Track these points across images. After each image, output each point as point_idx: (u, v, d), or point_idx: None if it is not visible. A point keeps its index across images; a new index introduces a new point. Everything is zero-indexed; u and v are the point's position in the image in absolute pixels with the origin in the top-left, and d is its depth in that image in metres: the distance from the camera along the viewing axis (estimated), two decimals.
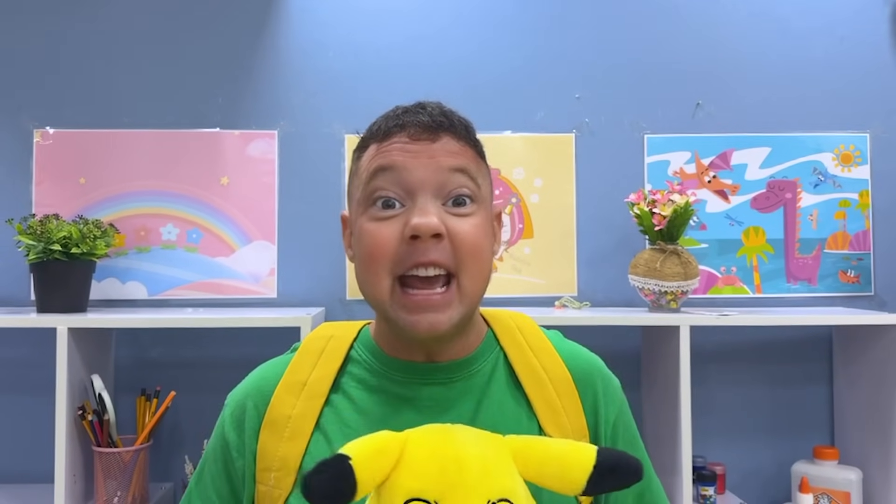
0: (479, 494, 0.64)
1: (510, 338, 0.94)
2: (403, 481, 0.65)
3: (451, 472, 0.65)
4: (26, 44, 1.92)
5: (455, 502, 0.63)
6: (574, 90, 1.98)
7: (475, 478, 0.65)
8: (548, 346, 0.94)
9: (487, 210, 0.88)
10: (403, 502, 0.63)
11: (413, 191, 0.82)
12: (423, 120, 0.84)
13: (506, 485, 0.66)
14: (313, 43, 1.96)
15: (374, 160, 0.85)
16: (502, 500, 0.64)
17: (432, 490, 0.63)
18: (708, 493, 1.73)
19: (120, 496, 1.63)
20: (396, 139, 0.84)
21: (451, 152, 0.84)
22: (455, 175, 0.83)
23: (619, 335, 1.90)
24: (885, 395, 1.72)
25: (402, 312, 0.81)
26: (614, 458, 0.69)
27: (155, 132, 1.93)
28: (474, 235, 0.83)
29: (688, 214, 1.76)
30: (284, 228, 1.93)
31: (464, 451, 0.67)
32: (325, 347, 0.92)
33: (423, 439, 0.68)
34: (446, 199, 0.83)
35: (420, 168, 0.82)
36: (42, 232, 1.66)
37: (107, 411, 1.64)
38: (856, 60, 2.01)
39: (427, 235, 0.79)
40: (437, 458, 0.66)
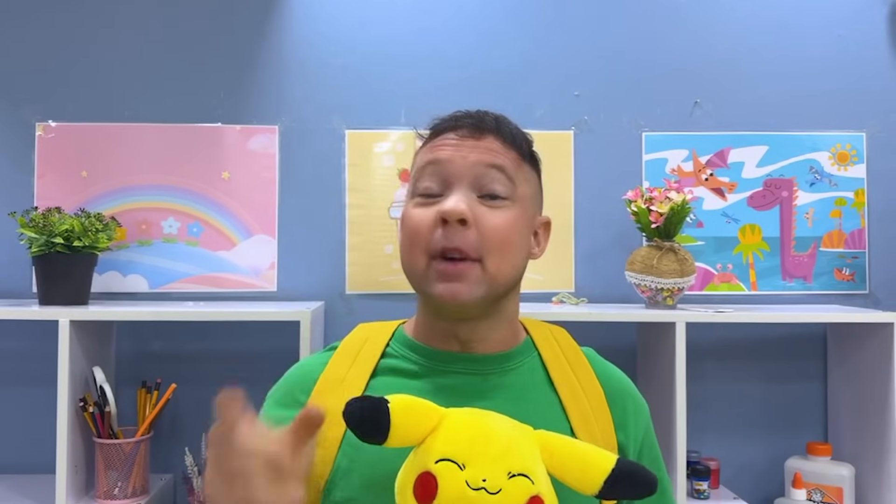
0: (501, 465, 0.72)
1: (548, 346, 0.98)
2: (437, 445, 0.73)
3: (479, 443, 0.73)
4: (28, 37, 1.93)
5: (479, 467, 0.71)
6: (573, 88, 2.00)
7: (500, 450, 0.73)
8: (582, 360, 0.98)
9: (525, 211, 0.93)
10: (435, 461, 0.72)
11: (451, 182, 0.89)
12: (471, 121, 0.92)
13: (526, 463, 0.73)
14: (315, 38, 1.97)
15: (424, 156, 0.93)
16: (521, 474, 0.72)
17: (461, 454, 0.72)
18: (702, 488, 1.75)
19: (121, 487, 1.64)
20: (445, 136, 0.92)
21: (491, 150, 0.91)
22: (491, 171, 0.90)
23: (616, 331, 1.92)
24: (879, 393, 1.74)
25: (432, 282, 0.88)
26: (632, 467, 0.76)
27: (157, 126, 1.94)
28: (501, 227, 0.88)
29: (685, 212, 1.77)
30: (285, 223, 1.95)
31: (494, 429, 0.75)
32: (361, 348, 0.97)
33: (461, 415, 0.77)
34: (481, 192, 0.89)
35: (460, 161, 0.89)
36: (44, 225, 1.67)
37: (108, 403, 1.65)
38: (853, 60, 2.02)
39: (454, 219, 0.85)
40: (470, 431, 0.75)
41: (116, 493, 1.64)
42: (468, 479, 0.70)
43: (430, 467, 0.72)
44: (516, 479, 0.71)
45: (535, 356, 0.96)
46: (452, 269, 0.86)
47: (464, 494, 0.70)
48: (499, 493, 0.70)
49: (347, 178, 1.95)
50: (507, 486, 0.71)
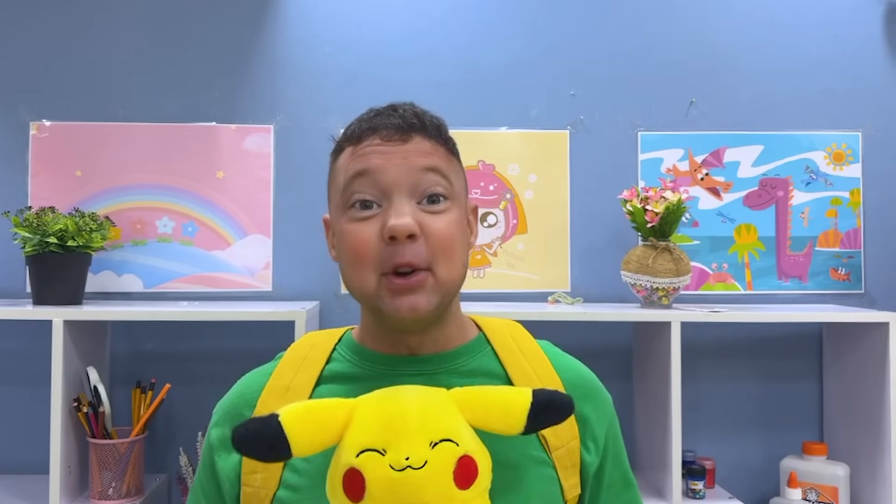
0: (422, 437, 0.71)
1: (502, 342, 0.96)
2: (354, 437, 0.72)
3: (394, 423, 0.72)
4: (23, 36, 1.93)
5: (400, 447, 0.70)
6: (569, 87, 1.99)
7: (416, 424, 0.72)
8: (540, 354, 0.96)
9: (461, 205, 0.91)
10: (356, 455, 0.71)
11: (388, 192, 0.85)
12: (394, 122, 0.88)
13: (446, 427, 0.73)
14: (310, 38, 1.97)
15: (351, 164, 0.88)
16: (444, 440, 0.71)
17: (379, 440, 0.71)
18: (697, 488, 1.75)
19: (115, 487, 1.64)
20: (369, 142, 0.88)
21: (422, 152, 0.87)
22: (428, 174, 0.86)
23: (611, 331, 1.92)
24: (874, 392, 1.74)
25: (386, 298, 0.84)
26: (548, 395, 0.77)
27: (151, 125, 1.93)
28: (448, 232, 0.86)
29: (680, 211, 1.77)
30: (280, 222, 1.94)
31: (405, 403, 0.74)
32: (307, 354, 0.95)
33: (370, 400, 0.76)
34: (420, 198, 0.86)
35: (393, 169, 0.85)
36: (38, 224, 1.67)
37: (102, 403, 1.65)
38: (849, 59, 2.02)
39: (402, 236, 0.82)
40: (382, 413, 0.73)
41: (111, 494, 1.64)
42: (391, 463, 0.69)
43: (353, 462, 0.71)
44: (440, 446, 0.71)
45: (488, 351, 0.94)
46: (406, 283, 0.83)
47: (391, 479, 0.69)
48: (425, 466, 0.70)
49: None
50: (431, 457, 0.70)
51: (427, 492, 0.69)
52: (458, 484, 0.71)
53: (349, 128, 0.92)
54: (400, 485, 0.69)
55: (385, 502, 0.69)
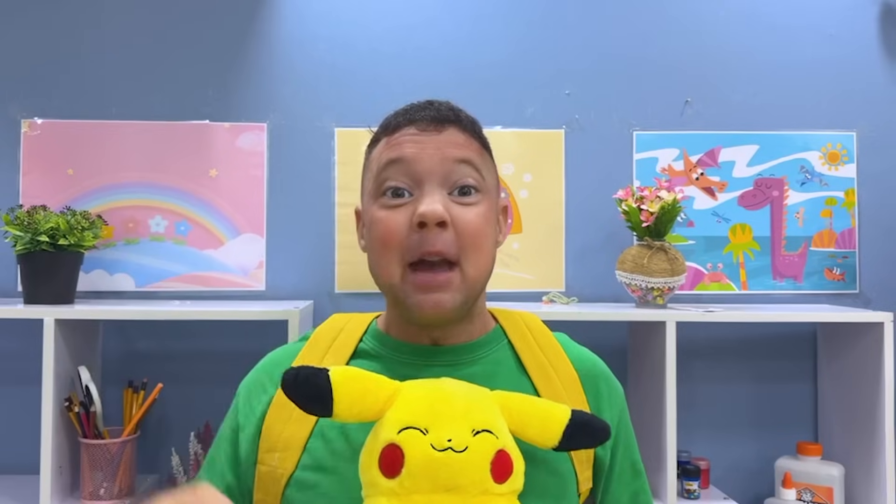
0: (464, 423, 0.72)
1: (518, 333, 0.97)
2: (397, 415, 0.73)
3: (438, 406, 0.73)
4: (14, 34, 1.91)
5: (442, 429, 0.71)
6: (564, 86, 1.99)
7: (461, 410, 0.73)
8: (555, 345, 0.97)
9: (492, 201, 0.92)
10: (398, 431, 0.71)
11: (421, 180, 0.86)
12: (429, 114, 0.89)
13: (489, 419, 0.73)
14: (304, 35, 1.96)
15: (385, 153, 0.89)
16: (485, 430, 0.72)
17: (422, 420, 0.72)
18: (692, 488, 1.75)
19: (106, 488, 1.63)
20: (404, 131, 0.89)
21: (456, 144, 0.88)
22: (460, 166, 0.87)
23: (606, 330, 1.91)
24: (869, 393, 1.74)
25: (410, 293, 0.86)
26: (586, 417, 0.78)
27: (144, 124, 1.92)
28: (477, 224, 0.87)
29: (675, 211, 1.77)
30: (273, 221, 1.93)
31: (452, 391, 0.76)
32: (335, 339, 0.96)
33: (416, 384, 0.77)
34: (452, 189, 0.87)
35: (427, 159, 0.86)
36: (29, 223, 1.65)
37: (93, 403, 1.64)
38: (844, 59, 2.02)
39: (433, 223, 0.83)
40: (428, 396, 0.75)
41: (102, 494, 1.62)
42: (433, 442, 0.70)
43: (394, 438, 0.71)
44: (481, 435, 0.72)
45: (504, 344, 0.96)
46: (433, 280, 0.84)
47: (431, 458, 0.69)
48: (465, 451, 0.70)
49: (337, 177, 1.94)
50: (472, 443, 0.71)
51: (464, 476, 0.70)
52: (494, 476, 0.71)
53: (385, 120, 0.93)
54: (439, 465, 0.69)
55: (421, 481, 0.69)
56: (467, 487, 0.70)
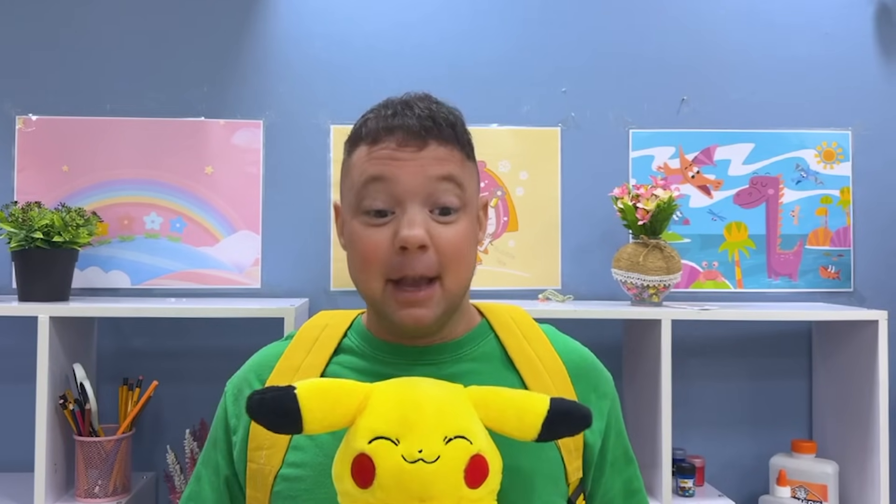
0: (436, 432, 0.70)
1: (505, 327, 0.97)
2: (367, 423, 0.72)
3: (410, 413, 0.71)
4: (9, 30, 1.90)
5: (414, 438, 0.70)
6: (560, 84, 1.99)
7: (432, 417, 0.71)
8: (542, 337, 0.97)
9: (473, 210, 0.92)
10: (368, 441, 0.70)
11: (402, 200, 0.86)
12: (410, 124, 0.87)
13: (462, 424, 0.72)
14: (300, 32, 1.96)
15: (366, 166, 0.88)
16: (458, 436, 0.71)
17: (393, 429, 0.70)
18: (687, 485, 1.75)
19: (101, 485, 1.62)
20: (385, 144, 0.87)
21: (438, 159, 0.87)
22: (441, 184, 0.87)
23: (602, 328, 1.92)
24: (863, 390, 1.74)
25: (392, 307, 0.86)
26: (566, 405, 0.76)
27: (139, 120, 1.91)
28: (457, 242, 0.87)
29: (671, 209, 1.77)
30: (269, 219, 1.93)
31: (423, 396, 0.74)
32: (319, 336, 0.96)
33: (387, 388, 0.75)
34: (433, 208, 0.87)
35: (408, 178, 0.86)
36: (24, 220, 1.65)
37: (88, 400, 1.63)
38: (839, 58, 2.03)
39: (414, 248, 0.84)
40: (399, 402, 0.73)
41: (97, 492, 1.62)
42: (404, 454, 0.69)
43: (364, 448, 0.70)
44: (454, 442, 0.70)
45: (491, 338, 0.96)
46: (414, 297, 0.85)
47: (402, 469, 0.69)
48: (437, 461, 0.69)
49: (333, 174, 1.93)
50: (444, 452, 0.70)
51: (437, 487, 0.69)
52: (469, 482, 0.70)
53: (365, 122, 0.91)
54: (410, 477, 0.69)
55: (393, 493, 0.69)
56: (440, 497, 0.69)
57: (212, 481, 0.94)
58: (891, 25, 2.03)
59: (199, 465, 0.97)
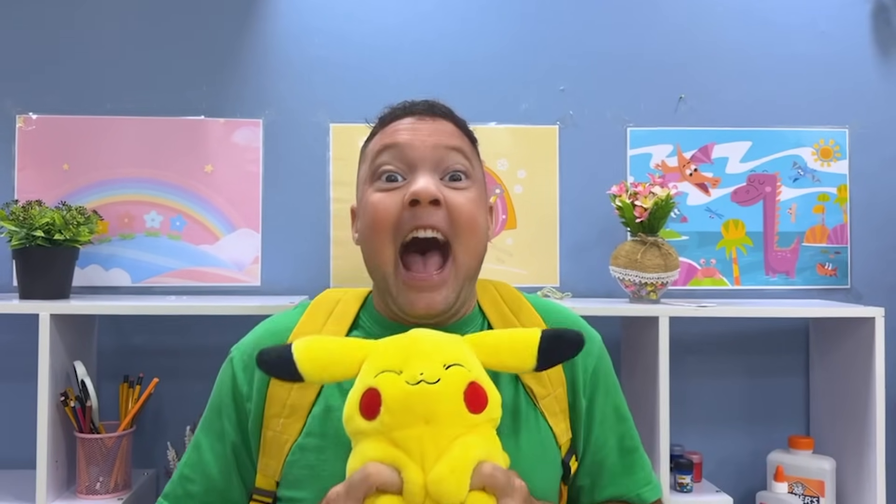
0: (435, 359, 0.75)
1: (490, 301, 1.00)
2: (371, 364, 0.77)
3: (409, 348, 0.77)
4: (8, 29, 1.91)
5: (415, 366, 0.74)
6: (558, 82, 2.00)
7: (430, 348, 0.76)
8: (526, 305, 1.00)
9: (482, 191, 0.95)
10: (374, 376, 0.75)
11: (414, 165, 0.89)
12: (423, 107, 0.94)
13: (458, 355, 0.76)
14: (299, 31, 1.96)
15: (380, 140, 0.93)
16: (456, 364, 0.75)
17: (396, 363, 0.75)
18: (685, 482, 1.76)
19: (102, 482, 1.63)
20: (401, 121, 0.93)
21: (448, 133, 0.92)
22: (452, 153, 0.91)
23: (599, 325, 1.89)
24: (860, 387, 1.75)
25: (402, 289, 0.88)
26: (556, 331, 0.79)
27: (139, 119, 1.92)
28: (470, 207, 0.90)
29: (669, 207, 1.78)
30: (269, 217, 1.94)
31: (421, 336, 0.79)
32: (333, 310, 0.98)
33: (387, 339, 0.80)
34: (444, 174, 0.90)
35: (420, 145, 0.90)
36: (25, 218, 1.66)
37: (89, 398, 1.64)
38: (836, 56, 2.03)
39: (426, 201, 0.86)
40: (399, 345, 0.78)
41: (98, 489, 1.63)
42: (407, 379, 0.73)
43: (371, 383, 0.74)
44: (452, 368, 0.74)
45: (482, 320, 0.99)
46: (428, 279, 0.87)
47: (406, 392, 0.72)
48: (438, 382, 0.73)
49: (332, 172, 1.94)
50: (444, 375, 0.73)
51: (440, 406, 0.72)
52: (469, 406, 0.73)
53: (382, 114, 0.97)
54: (415, 398, 0.72)
55: (399, 416, 0.72)
56: (444, 418, 0.72)
57: (215, 448, 0.94)
58: (887, 24, 2.04)
59: (199, 433, 0.97)
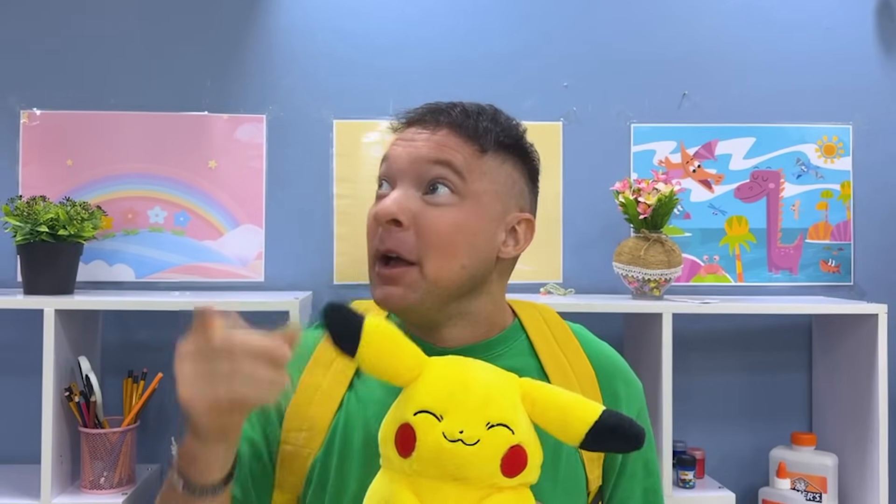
0: (480, 415, 0.71)
1: (536, 328, 0.95)
2: (417, 395, 0.73)
3: (457, 393, 0.73)
4: (12, 25, 1.91)
5: (457, 418, 0.71)
6: (562, 79, 1.99)
7: (478, 401, 0.72)
8: (573, 341, 0.95)
9: (483, 208, 0.86)
10: (413, 413, 0.72)
11: (395, 179, 0.87)
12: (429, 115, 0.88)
13: (506, 413, 0.72)
14: (303, 27, 1.96)
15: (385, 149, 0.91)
16: (501, 424, 0.71)
17: (439, 406, 0.72)
18: (688, 478, 1.76)
19: (106, 477, 1.64)
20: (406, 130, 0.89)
21: (440, 145, 0.85)
22: (433, 166, 0.84)
23: (603, 322, 1.90)
24: (863, 383, 1.75)
25: (375, 285, 0.87)
26: (617, 420, 0.73)
27: (143, 115, 1.92)
28: (442, 227, 0.83)
29: (672, 203, 1.78)
30: (272, 212, 1.94)
31: (473, 378, 0.75)
32: None
33: (442, 363, 0.77)
34: (425, 190, 0.85)
35: (403, 158, 0.86)
36: (29, 213, 1.66)
37: (94, 393, 1.64)
38: (840, 52, 2.03)
39: (383, 221, 0.84)
40: (449, 381, 0.74)
41: (102, 483, 1.64)
42: (445, 431, 0.70)
43: (409, 419, 0.72)
44: (495, 429, 0.71)
45: (523, 339, 0.93)
46: (387, 273, 0.84)
47: (441, 447, 0.70)
48: (476, 444, 0.70)
49: (335, 168, 1.94)
50: (485, 437, 0.71)
51: (472, 469, 0.70)
52: (505, 471, 0.71)
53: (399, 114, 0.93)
54: (448, 455, 0.70)
55: (429, 467, 0.71)
56: (474, 480, 0.70)
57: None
58: (891, 20, 2.03)
59: None
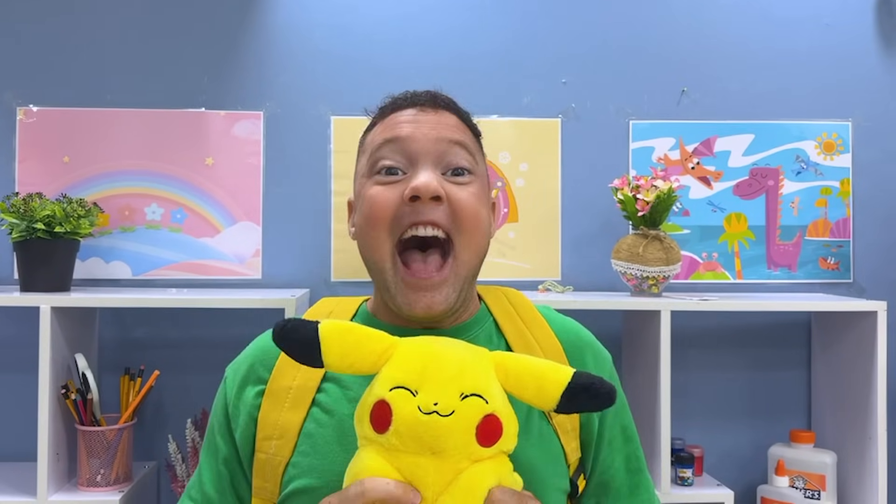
0: (453, 386, 0.72)
1: (502, 310, 0.97)
2: (390, 373, 0.74)
3: (430, 367, 0.73)
4: (9, 21, 1.90)
5: (431, 391, 0.71)
6: (561, 75, 1.99)
7: (451, 373, 0.73)
8: (539, 318, 0.97)
9: (485, 187, 0.92)
10: (388, 389, 0.72)
11: (415, 159, 0.87)
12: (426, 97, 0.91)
13: (479, 383, 0.73)
14: (301, 23, 1.95)
15: (381, 134, 0.90)
16: (475, 394, 0.72)
17: (413, 380, 0.72)
18: (686, 475, 1.76)
19: (103, 474, 1.63)
20: (403, 113, 0.90)
21: (451, 126, 0.89)
22: (455, 147, 0.88)
23: (601, 319, 1.91)
24: (862, 381, 1.75)
25: (402, 287, 0.86)
26: (588, 378, 0.74)
27: (140, 111, 1.91)
28: (472, 203, 0.87)
29: (671, 200, 1.77)
30: (269, 210, 1.93)
31: (445, 352, 0.75)
32: None
33: (412, 342, 0.77)
34: (446, 170, 0.87)
35: (422, 138, 0.87)
36: (25, 210, 1.65)
37: (90, 390, 1.64)
38: (840, 49, 2.02)
39: (427, 197, 0.83)
40: (421, 356, 0.75)
41: (99, 481, 1.63)
42: (420, 405, 0.71)
43: (384, 395, 0.72)
44: (469, 399, 0.72)
45: (490, 323, 0.95)
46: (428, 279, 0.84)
47: (416, 420, 0.70)
48: (451, 415, 0.71)
49: (333, 165, 1.94)
50: (459, 407, 0.71)
51: (448, 440, 0.70)
52: (480, 440, 0.71)
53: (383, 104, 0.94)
54: (424, 427, 0.70)
55: (406, 441, 0.71)
56: (451, 451, 0.70)
57: (210, 465, 0.93)
58: (891, 16, 2.03)
59: (202, 454, 0.96)
